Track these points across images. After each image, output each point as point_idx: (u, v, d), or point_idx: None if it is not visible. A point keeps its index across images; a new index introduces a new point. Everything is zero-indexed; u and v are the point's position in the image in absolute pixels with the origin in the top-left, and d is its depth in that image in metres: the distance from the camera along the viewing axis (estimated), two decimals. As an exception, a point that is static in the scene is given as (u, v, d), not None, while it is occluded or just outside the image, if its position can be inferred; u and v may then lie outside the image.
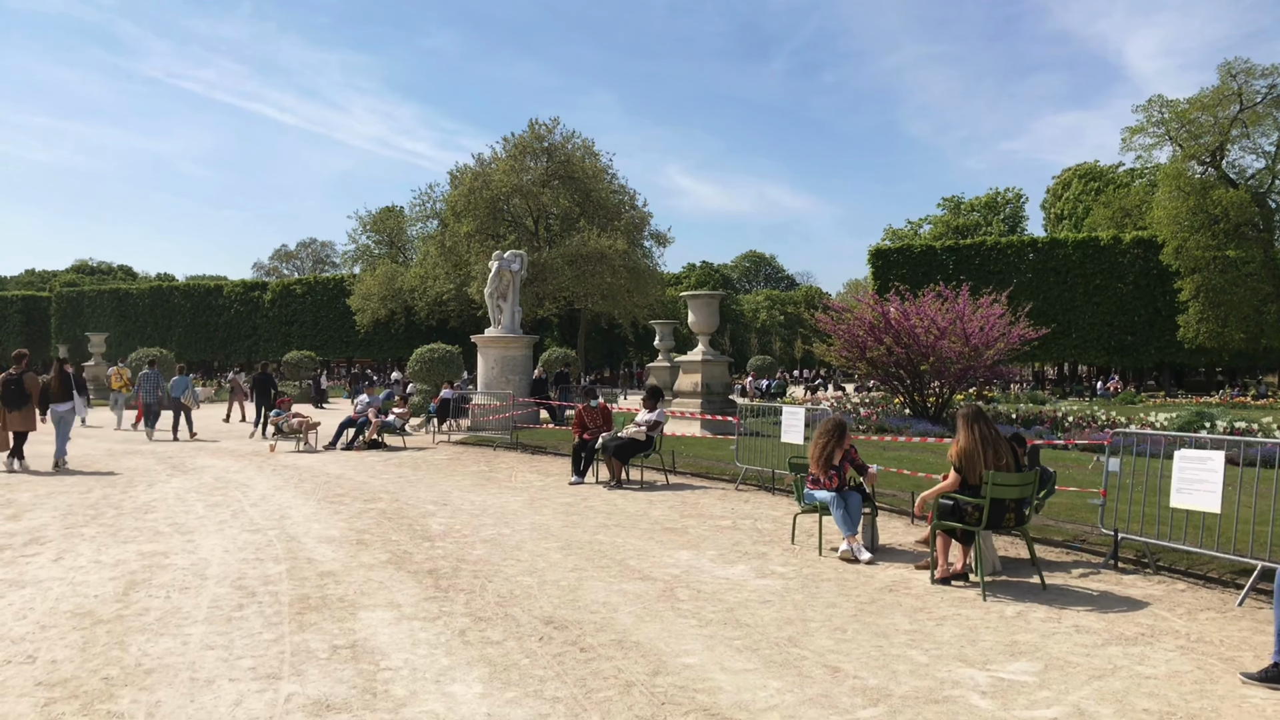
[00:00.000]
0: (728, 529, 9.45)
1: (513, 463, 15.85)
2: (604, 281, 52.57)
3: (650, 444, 12.67)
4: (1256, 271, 44.18)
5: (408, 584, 7.05)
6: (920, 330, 21.24)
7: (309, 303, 72.13)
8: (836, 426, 8.30)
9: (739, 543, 8.71)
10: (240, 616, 6.11)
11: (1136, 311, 50.93)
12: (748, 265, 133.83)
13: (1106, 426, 19.49)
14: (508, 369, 22.22)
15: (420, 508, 10.85)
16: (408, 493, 12.15)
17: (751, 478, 12.61)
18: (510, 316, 22.95)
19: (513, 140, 57.26)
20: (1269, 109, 46.44)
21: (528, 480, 13.43)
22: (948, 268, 53.15)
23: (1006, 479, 6.77)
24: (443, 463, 15.92)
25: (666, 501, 11.29)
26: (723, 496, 11.73)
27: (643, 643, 5.55)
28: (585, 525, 9.63)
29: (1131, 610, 6.31)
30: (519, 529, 9.41)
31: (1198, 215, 45.30)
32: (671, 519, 10.04)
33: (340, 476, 13.93)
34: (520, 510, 10.64)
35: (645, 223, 59.95)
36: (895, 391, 23.89)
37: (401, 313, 61.33)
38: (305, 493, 12.12)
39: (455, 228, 56.55)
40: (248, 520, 9.95)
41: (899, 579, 7.23)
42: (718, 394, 19.39)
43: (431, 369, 29.24)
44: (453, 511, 10.57)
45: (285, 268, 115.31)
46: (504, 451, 17.68)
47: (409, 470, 14.81)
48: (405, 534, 9.15)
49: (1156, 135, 49.64)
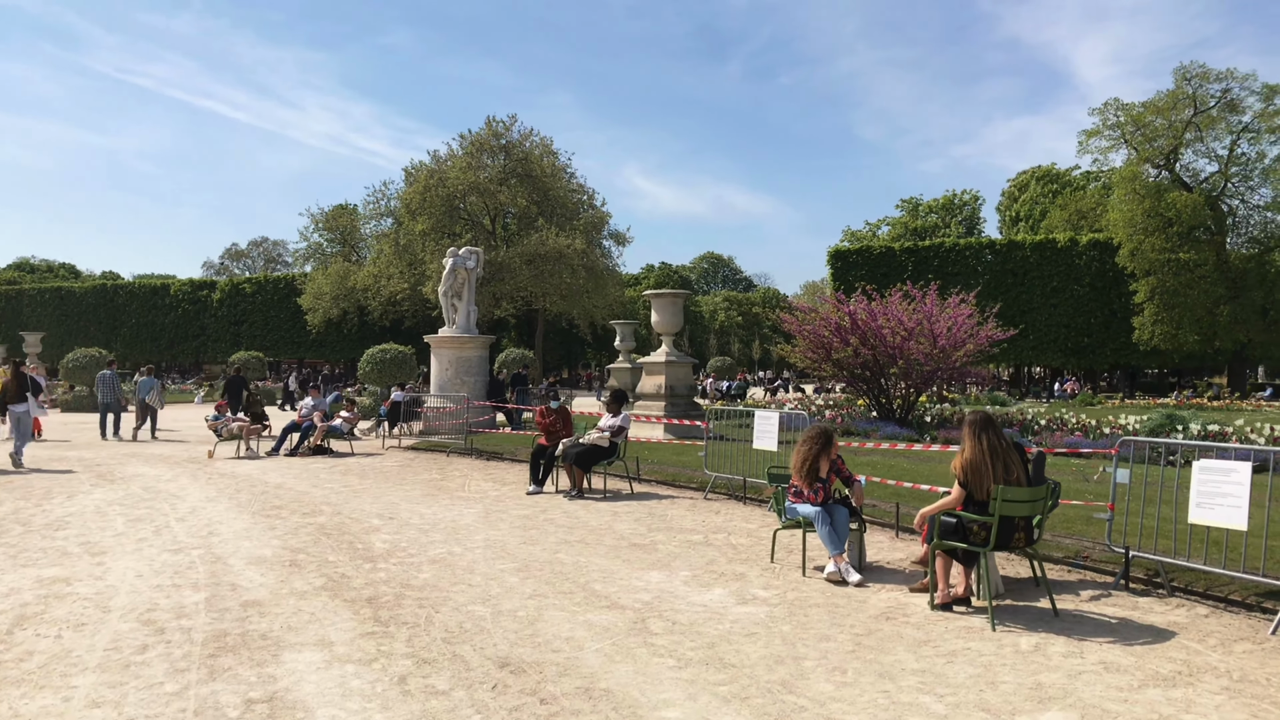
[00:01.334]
0: (700, 545, 8.69)
1: (467, 470, 14.98)
2: (562, 281, 51.70)
3: (614, 450, 11.88)
4: (1209, 274, 44.50)
5: (343, 615, 6.20)
6: (887, 331, 20.71)
7: (259, 302, 70.30)
8: (822, 434, 7.58)
9: (713, 561, 7.95)
10: (141, 661, 5.22)
11: (1093, 313, 51.14)
12: (706, 266, 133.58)
13: (1077, 429, 19.09)
14: (463, 370, 21.30)
15: (364, 522, 9.96)
16: (352, 504, 11.25)
17: (721, 486, 11.89)
18: (465, 316, 22.03)
19: (470, 137, 56.23)
20: (1222, 113, 46.84)
21: (482, 489, 12.58)
22: (907, 269, 52.99)
23: (1017, 494, 6.09)
24: (392, 470, 14.99)
25: (632, 513, 10.51)
26: (692, 507, 10.98)
27: (614, 690, 4.77)
28: (545, 542, 8.82)
29: (1158, 641, 5.65)
30: (472, 547, 8.57)
31: (1152, 218, 45.55)
32: (638, 533, 9.26)
33: (280, 486, 12.97)
34: (474, 524, 9.80)
35: (604, 222, 59.18)
36: (861, 393, 23.37)
37: (354, 313, 59.91)
38: (240, 505, 11.16)
39: (410, 226, 55.34)
40: (171, 538, 8.99)
41: (894, 604, 6.52)
42: (682, 396, 18.66)
43: (383, 370, 28.19)
44: (399, 526, 9.70)
45: (236, 267, 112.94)
46: (458, 458, 16.79)
47: (355, 479, 13.88)
48: (345, 553, 8.27)
49: (1112, 138, 49.86)
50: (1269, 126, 45.91)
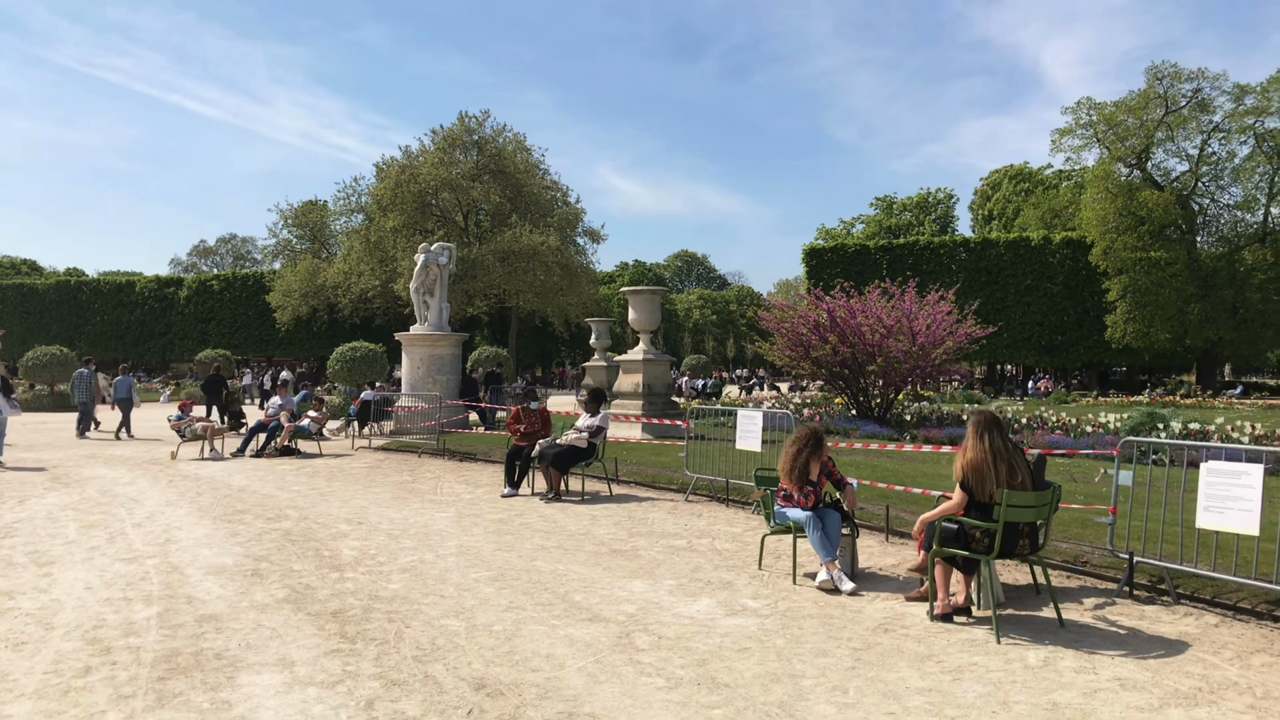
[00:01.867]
0: (684, 550, 8.34)
1: (439, 471, 14.54)
2: (536, 278, 51.17)
3: (592, 451, 11.50)
4: (1180, 273, 44.79)
5: (306, 631, 5.79)
6: (866, 329, 20.48)
7: (226, 300, 69.19)
8: (811, 435, 7.25)
9: (699, 568, 7.60)
10: (83, 686, 4.79)
11: (1066, 311, 51.35)
12: (680, 265, 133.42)
13: (1058, 428, 18.93)
14: (435, 369, 20.83)
15: (331, 527, 9.52)
16: (319, 508, 10.79)
17: (702, 488, 11.55)
18: (438, 313, 21.56)
19: (442, 133, 55.54)
20: (1193, 113, 47.16)
21: (455, 492, 12.16)
22: (881, 267, 52.97)
23: (1023, 499, 5.78)
24: (361, 472, 14.53)
25: (611, 516, 10.14)
26: (673, 510, 10.63)
27: (599, 715, 4.40)
28: (521, 548, 8.43)
29: (1172, 654, 5.36)
30: (444, 554, 8.16)
31: (1124, 217, 45.79)
32: (619, 538, 8.89)
33: (244, 489, 12.48)
34: (446, 529, 9.39)
35: (578, 219, 58.68)
36: (839, 391, 23.13)
37: (324, 310, 59.01)
38: (201, 509, 10.68)
39: (381, 222, 54.53)
40: (125, 546, 8.52)
41: (892, 614, 6.20)
42: (660, 395, 18.30)
43: (353, 369, 27.66)
44: (368, 531, 9.28)
45: (204, 264, 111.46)
46: (429, 459, 16.34)
47: (323, 481, 13.41)
48: (310, 561, 7.84)
49: (1085, 137, 50.10)
50: (1239, 126, 46.28)
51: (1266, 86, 45.79)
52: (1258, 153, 46.73)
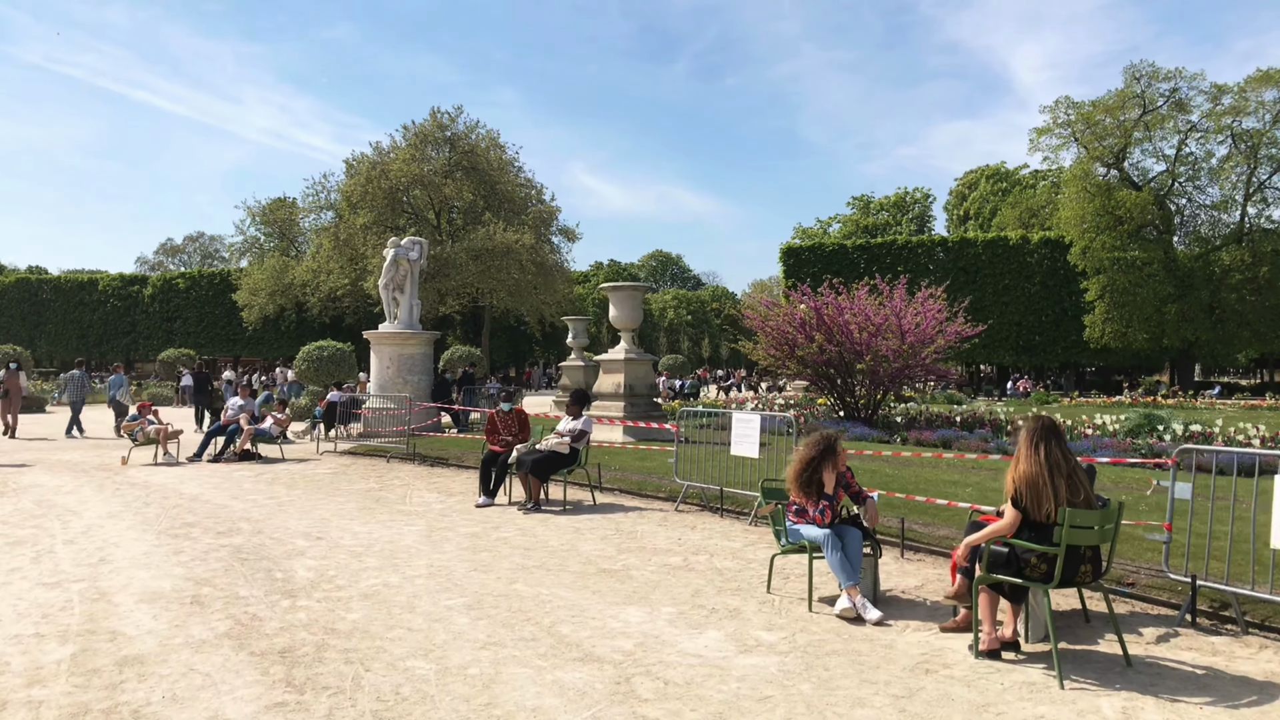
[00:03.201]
0: (680, 569, 7.50)
1: (409, 478, 13.61)
2: (510, 277, 50.11)
3: (575, 457, 10.63)
4: (1157, 273, 44.55)
5: (247, 677, 4.89)
6: (854, 326, 19.76)
7: (192, 298, 67.58)
8: (824, 441, 6.43)
9: (700, 592, 6.76)
10: (-41, 759, 3.89)
11: (1044, 311, 51.02)
12: (654, 265, 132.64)
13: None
14: (405, 369, 19.88)
15: (288, 543, 8.59)
16: (276, 520, 9.86)
17: (693, 496, 10.71)
18: (408, 310, 20.61)
19: (413, 129, 54.31)
20: (1171, 113, 46.98)
21: (426, 501, 11.25)
22: (859, 266, 52.40)
23: (1086, 518, 4.98)
24: (325, 479, 13.57)
25: (597, 529, 9.28)
26: (663, 521, 9.78)
27: (602, 795, 3.56)
28: (499, 568, 7.55)
29: (1265, 700, 4.59)
30: (413, 575, 7.28)
31: (1103, 216, 45.52)
32: (607, 555, 8.03)
33: (197, 498, 11.51)
34: (415, 545, 8.49)
35: (553, 217, 57.69)
36: (823, 391, 22.39)
37: (292, 309, 57.62)
38: (145, 521, 9.71)
39: (351, 219, 53.27)
40: (51, 567, 7.56)
41: (929, 650, 5.40)
42: (642, 396, 17.45)
43: (320, 369, 26.58)
44: (328, 548, 8.36)
45: (171, 262, 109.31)
46: (399, 464, 15.40)
47: (283, 489, 12.45)
48: (260, 585, 6.93)
49: (1063, 136, 49.82)
50: (1217, 126, 46.13)
51: (1244, 86, 45.69)
52: (1235, 153, 46.58)
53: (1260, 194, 46.94)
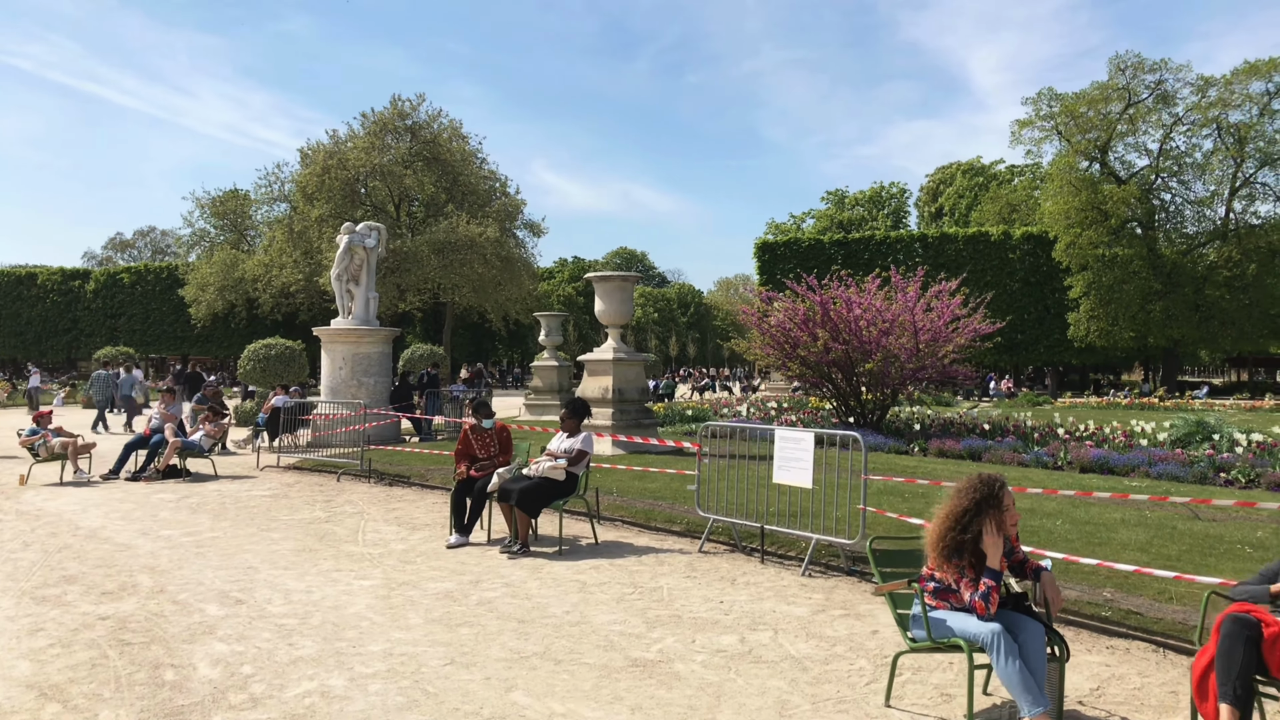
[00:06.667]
0: (743, 659, 5.36)
1: (362, 502, 11.35)
2: (474, 271, 47.63)
3: (572, 485, 8.45)
4: (1141, 269, 43.26)
5: None
6: (865, 323, 17.80)
7: (138, 293, 64.31)
8: (986, 487, 4.34)
9: (786, 704, 4.64)
10: None
11: (1026, 309, 49.60)
12: (619, 262, 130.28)
13: (1088, 439, 16.36)
14: (360, 370, 17.57)
15: (195, 611, 6.35)
16: (188, 570, 7.59)
17: (718, 530, 8.60)
18: (364, 304, 18.29)
19: (373, 117, 51.58)
20: (1156, 105, 45.72)
21: (383, 538, 9.02)
22: (835, 261, 50.62)
23: None
24: (262, 503, 11.27)
25: (608, 584, 7.13)
26: (690, 569, 7.64)
27: None
28: (485, 657, 5.37)
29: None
30: (364, 673, 5.08)
31: (1088, 211, 44.13)
32: (633, 632, 5.89)
33: (94, 534, 9.18)
34: (368, 615, 6.28)
35: (518, 211, 55.31)
36: (826, 395, 20.40)
37: (243, 305, 54.66)
38: (10, 575, 7.39)
39: (306, 211, 50.50)
40: None
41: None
42: (633, 402, 15.26)
43: (267, 369, 24.10)
44: (250, 620, 6.13)
45: (121, 258, 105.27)
46: (351, 482, 13.12)
47: (208, 518, 10.15)
48: (140, 692, 4.70)
49: (1045, 129, 48.41)
50: (1204, 119, 44.90)
51: (1230, 79, 44.51)
52: (1220, 146, 45.41)
53: (1247, 189, 45.79)
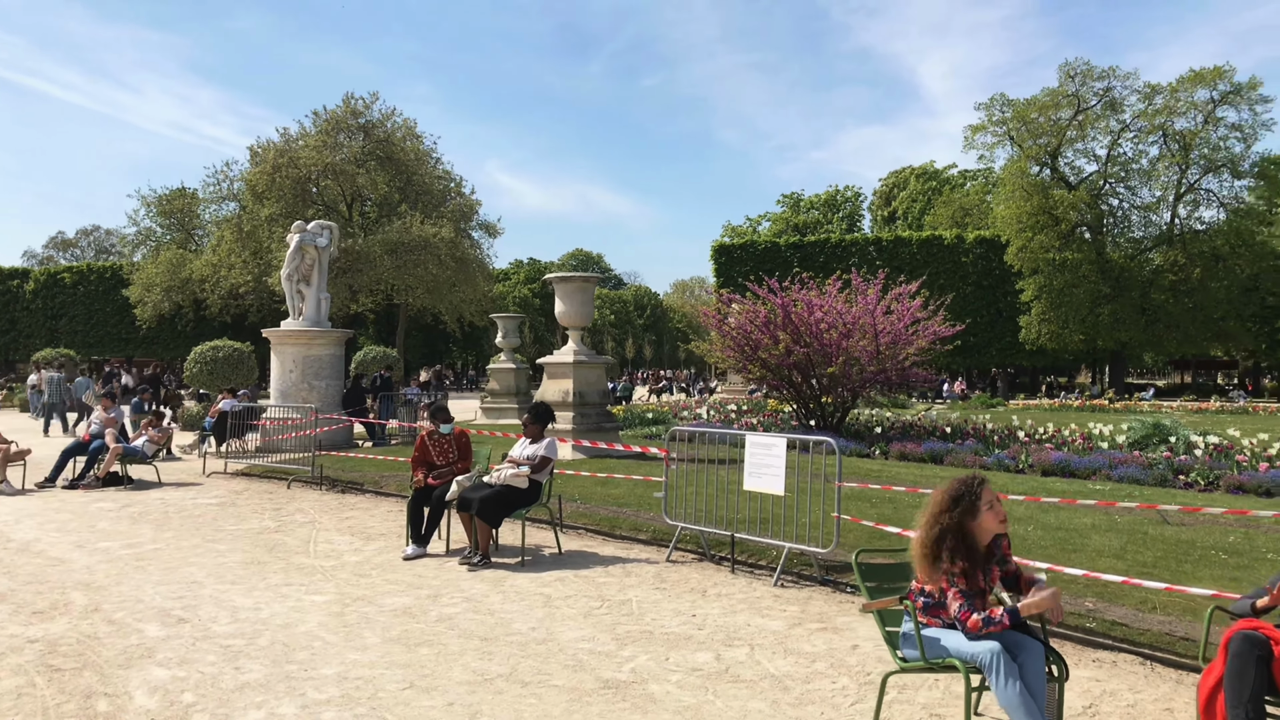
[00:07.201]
0: (720, 679, 5.10)
1: (314, 510, 10.92)
2: (428, 272, 46.92)
3: (536, 493, 8.14)
4: (1090, 274, 43.95)
5: None
6: (825, 325, 17.70)
7: (80, 294, 62.54)
8: (967, 490, 4.11)
9: (767, 727, 4.41)
10: None
11: (979, 312, 50.11)
12: (575, 264, 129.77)
13: (1048, 441, 16.40)
14: (311, 372, 17.07)
15: (133, 632, 5.94)
16: (127, 585, 7.16)
17: (686, 539, 8.35)
18: (315, 305, 17.79)
19: (325, 115, 50.62)
20: (1104, 112, 46.48)
21: (335, 549, 8.63)
22: (791, 264, 50.79)
23: None
24: (208, 513, 10.79)
25: (574, 597, 6.83)
26: (659, 580, 7.37)
27: None
28: (448, 680, 5.05)
29: None
30: (317, 700, 4.73)
31: (1040, 215, 44.73)
32: (603, 650, 5.60)
33: (26, 548, 8.68)
34: (321, 634, 5.92)
35: (473, 211, 54.68)
36: (785, 398, 20.29)
37: (190, 306, 53.32)
38: (-65, 593, 6.92)
39: (255, 210, 49.43)
40: None
41: None
42: (594, 405, 14.97)
43: (214, 372, 23.43)
44: (193, 641, 5.74)
45: (63, 257, 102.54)
46: (302, 489, 12.68)
47: (149, 529, 9.67)
48: (66, 730, 4.33)
49: (998, 134, 49.01)
50: (1151, 126, 45.72)
51: (1175, 86, 45.39)
52: (1166, 153, 46.28)
53: (1191, 195, 46.71)
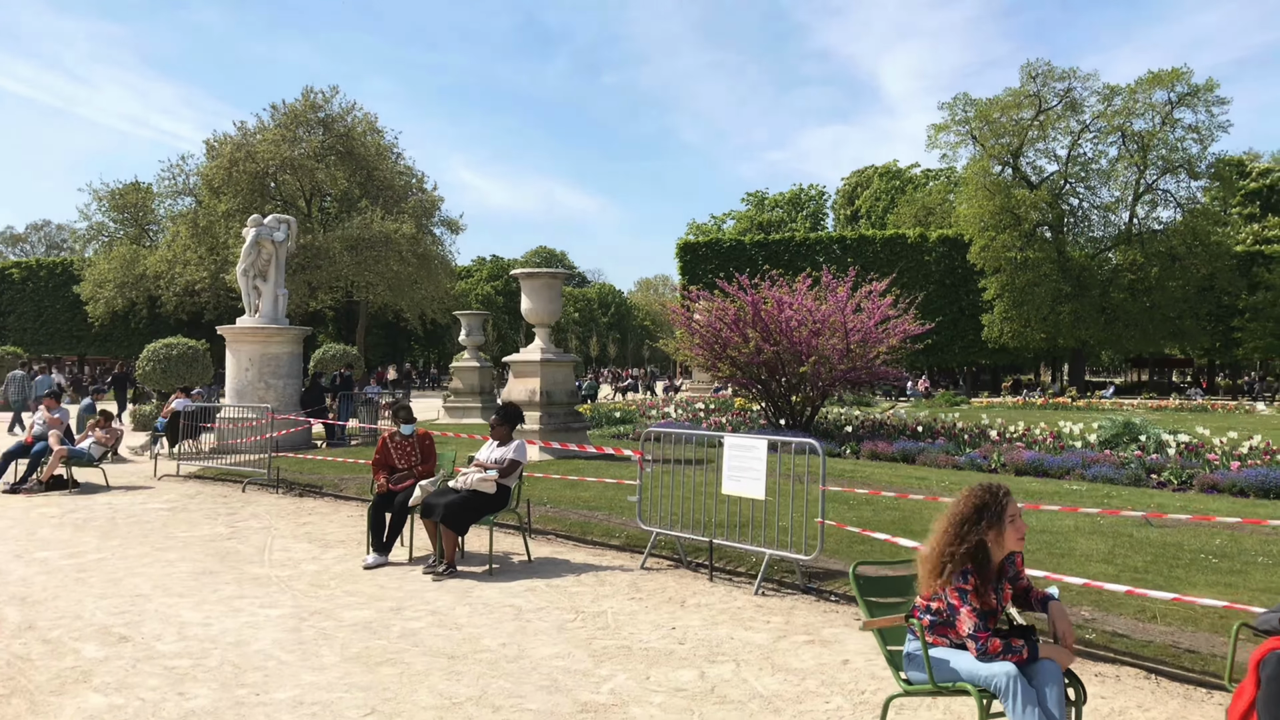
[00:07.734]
0: (705, 699, 4.79)
1: (270, 515, 10.46)
2: (389, 269, 46.22)
3: (504, 498, 7.77)
4: (1051, 273, 44.31)
5: None
6: (795, 323, 17.47)
7: (29, 290, 60.90)
8: (989, 498, 3.83)
9: (759, 754, 4.09)
10: None
11: (942, 310, 50.31)
12: (539, 261, 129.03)
13: (1019, 440, 16.29)
14: (268, 371, 16.54)
15: (69, 652, 5.50)
16: (66, 599, 6.70)
17: (661, 544, 8.02)
18: (272, 302, 17.25)
19: (283, 109, 49.64)
20: (1065, 112, 46.88)
21: (293, 557, 8.20)
22: (757, 262, 50.64)
23: None
24: (157, 518, 10.29)
25: (546, 609, 6.48)
26: (634, 589, 7.04)
27: None
28: (411, 705, 4.68)
29: None
30: (268, 728, 4.36)
31: (1002, 215, 45.02)
32: (579, 666, 5.26)
33: (-41, 558, 8.16)
34: (275, 652, 5.52)
35: (435, 207, 54.02)
36: (754, 397, 20.06)
37: (144, 303, 52.07)
38: None
39: (212, 205, 48.42)
40: None
41: None
42: (561, 404, 14.60)
43: (169, 370, 22.74)
44: (134, 661, 5.32)
45: (12, 253, 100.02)
46: (258, 493, 12.19)
47: (94, 536, 9.17)
48: (-13, 768, 3.91)
49: (961, 134, 49.27)
50: (1110, 126, 46.18)
51: (1134, 88, 45.91)
52: (1125, 153, 46.80)
53: (1149, 195, 47.28)
